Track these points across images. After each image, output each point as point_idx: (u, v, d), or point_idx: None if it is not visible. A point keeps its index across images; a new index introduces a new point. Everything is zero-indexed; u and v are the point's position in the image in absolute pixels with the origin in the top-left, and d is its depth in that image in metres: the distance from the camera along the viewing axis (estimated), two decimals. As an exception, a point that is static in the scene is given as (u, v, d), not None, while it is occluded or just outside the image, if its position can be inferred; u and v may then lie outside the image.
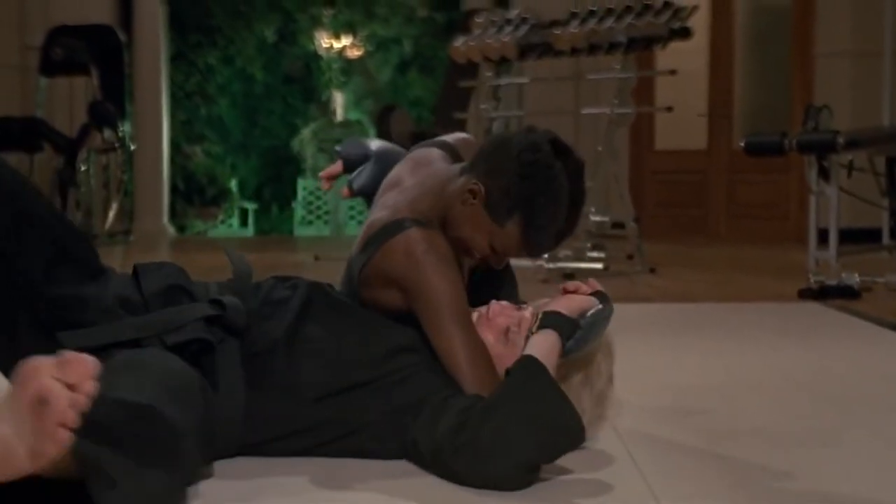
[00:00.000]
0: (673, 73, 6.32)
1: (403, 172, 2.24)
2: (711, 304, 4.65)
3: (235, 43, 13.67)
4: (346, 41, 13.94)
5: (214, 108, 13.76)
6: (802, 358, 3.24)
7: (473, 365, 1.95)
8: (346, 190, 2.46)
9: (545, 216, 2.03)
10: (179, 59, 12.85)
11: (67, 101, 8.90)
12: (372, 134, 11.29)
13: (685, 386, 2.74)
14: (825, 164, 4.87)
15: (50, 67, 8.71)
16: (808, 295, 4.76)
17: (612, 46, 5.96)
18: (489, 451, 1.71)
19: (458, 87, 7.23)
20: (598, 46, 6.00)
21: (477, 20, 6.71)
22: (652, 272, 5.97)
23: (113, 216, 8.83)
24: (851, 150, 4.94)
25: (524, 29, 6.28)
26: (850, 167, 5.19)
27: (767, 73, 9.21)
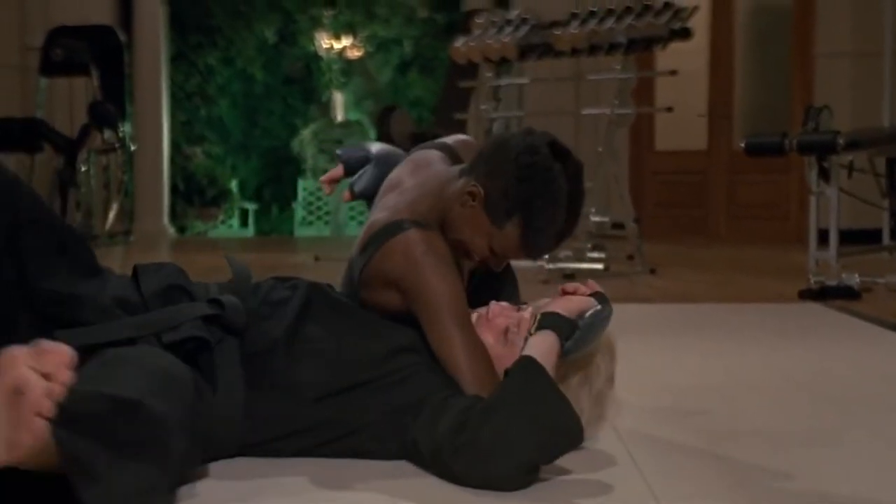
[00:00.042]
0: (673, 73, 6.32)
1: (403, 174, 2.24)
2: (712, 304, 4.65)
3: (236, 43, 13.67)
4: (346, 42, 13.94)
5: (215, 108, 13.76)
6: (803, 358, 3.24)
7: (473, 365, 1.95)
8: (346, 194, 2.46)
9: (544, 218, 2.03)
10: (180, 59, 12.85)
11: (68, 101, 8.90)
12: (372, 134, 11.30)
13: (685, 386, 2.74)
14: (825, 164, 4.87)
15: (50, 68, 8.71)
16: (808, 295, 4.76)
17: (612, 47, 5.96)
18: (489, 451, 1.71)
19: (458, 87, 7.23)
20: (598, 47, 6.00)
21: (477, 21, 6.71)
22: (652, 273, 5.97)
23: (113, 217, 8.83)
24: (852, 150, 4.94)
25: (524, 29, 6.28)
26: (850, 168, 5.19)
27: (767, 73, 9.21)
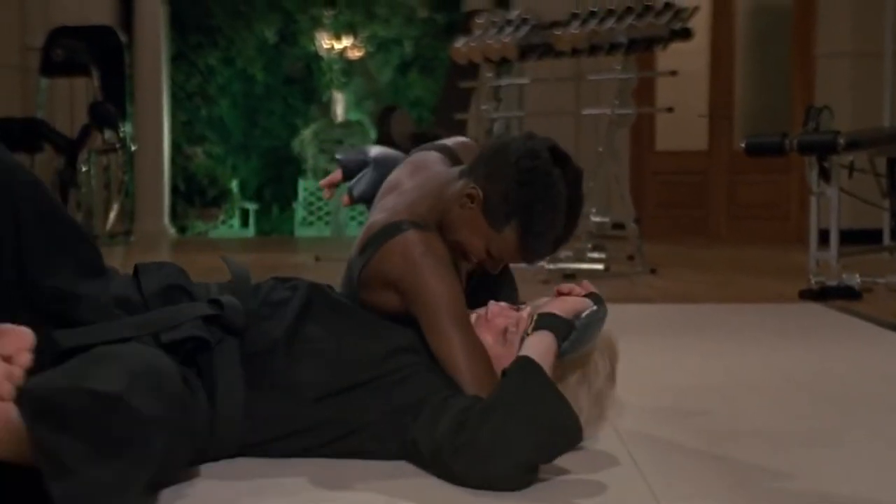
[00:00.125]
0: (674, 73, 6.32)
1: (402, 176, 2.24)
2: (712, 304, 4.65)
3: (236, 44, 13.67)
4: (346, 42, 13.94)
5: (215, 108, 13.76)
6: (803, 359, 3.24)
7: (472, 366, 1.95)
8: (345, 198, 2.46)
9: (543, 223, 2.03)
10: (180, 59, 12.85)
11: (68, 101, 8.91)
12: (372, 134, 11.30)
13: (686, 386, 2.73)
14: (826, 164, 4.87)
15: (50, 68, 8.73)
16: (808, 296, 4.76)
17: (612, 47, 5.97)
18: (488, 451, 1.71)
19: (458, 87, 7.24)
20: (598, 47, 6.00)
21: (478, 21, 6.71)
22: (652, 273, 5.97)
23: (114, 217, 8.84)
24: (852, 150, 4.94)
25: (525, 30, 6.28)
26: (850, 168, 5.19)
27: (768, 73, 9.21)
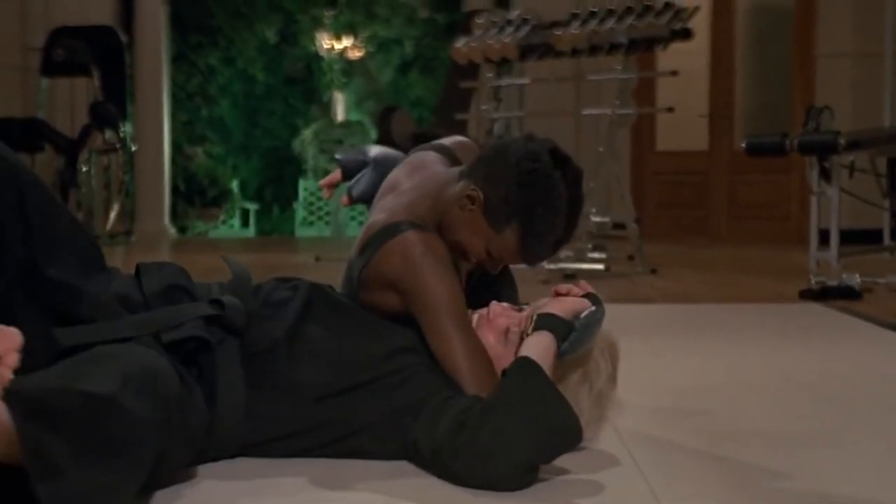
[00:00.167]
0: (674, 73, 6.32)
1: (401, 176, 2.24)
2: (712, 304, 4.65)
3: (236, 44, 13.67)
4: (347, 42, 13.94)
5: (215, 108, 13.76)
6: (803, 359, 3.24)
7: (472, 366, 1.95)
8: (345, 198, 2.46)
9: (543, 225, 2.03)
10: (180, 59, 12.85)
11: (68, 101, 8.91)
12: (373, 135, 11.30)
13: (686, 387, 2.73)
14: (826, 164, 4.87)
15: (51, 68, 8.73)
16: (809, 296, 4.76)
17: (613, 47, 5.97)
18: (488, 451, 1.71)
19: (459, 87, 7.24)
20: (599, 47, 6.00)
21: (478, 21, 6.71)
22: (653, 273, 5.97)
23: (114, 217, 8.84)
24: (852, 150, 4.94)
25: (525, 30, 6.28)
26: (851, 168, 5.19)
27: (768, 73, 9.21)
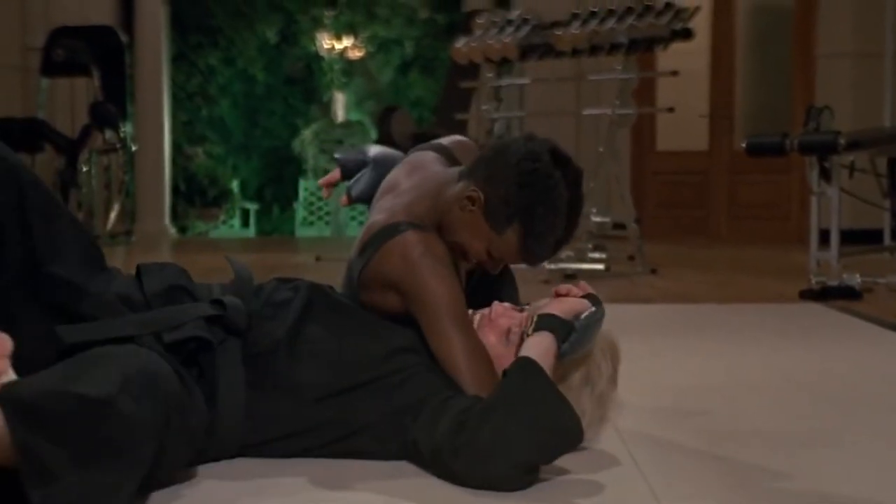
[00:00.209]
0: (674, 73, 6.32)
1: (400, 176, 2.24)
2: (712, 304, 4.65)
3: (237, 44, 13.67)
4: (347, 42, 13.94)
5: (216, 108, 13.76)
6: (803, 359, 3.24)
7: (472, 366, 1.95)
8: (344, 198, 2.46)
9: (544, 225, 2.03)
10: (180, 59, 12.85)
11: (69, 101, 8.91)
12: (373, 135, 11.30)
13: (686, 387, 2.73)
14: (826, 164, 4.87)
15: (51, 68, 8.73)
16: (809, 296, 4.76)
17: (613, 47, 5.97)
18: (488, 451, 1.71)
19: (459, 87, 7.24)
20: (599, 47, 6.00)
21: (478, 21, 6.71)
22: (653, 273, 5.97)
23: (114, 217, 8.85)
24: (853, 150, 4.94)
25: (525, 30, 6.28)
26: (851, 168, 5.19)
27: (769, 73, 9.21)
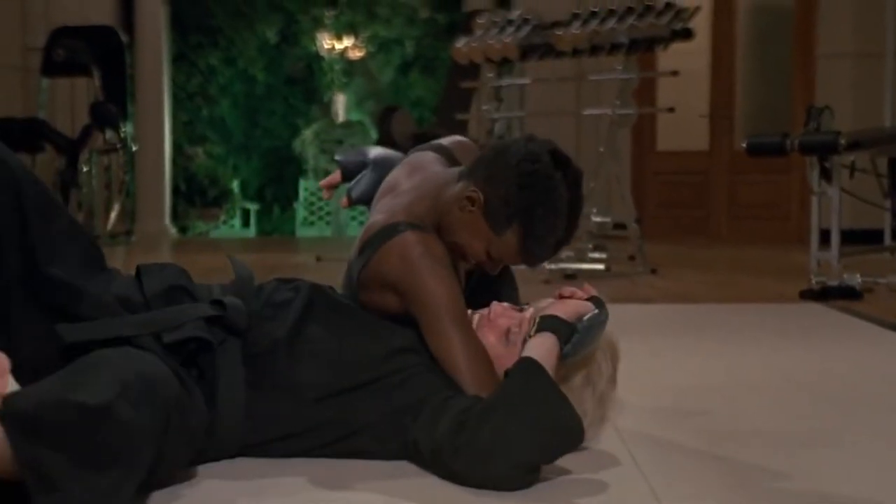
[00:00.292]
0: (675, 73, 6.32)
1: (400, 176, 2.24)
2: (713, 304, 4.65)
3: (237, 44, 13.66)
4: (347, 42, 13.93)
5: (216, 108, 13.75)
6: (804, 359, 3.24)
7: (472, 366, 1.95)
8: (345, 199, 2.46)
9: (544, 226, 2.03)
10: (181, 59, 12.84)
11: (69, 101, 8.91)
12: (373, 135, 11.30)
13: (686, 387, 2.73)
14: (827, 164, 4.87)
15: (51, 68, 8.73)
16: (809, 296, 4.76)
17: (613, 47, 5.96)
18: (489, 451, 1.71)
19: (459, 87, 7.24)
20: (599, 47, 6.00)
21: (479, 21, 6.71)
22: (653, 273, 5.97)
23: (115, 217, 8.85)
24: (853, 150, 4.94)
25: (526, 30, 6.28)
26: (851, 168, 5.19)
27: (769, 73, 9.21)
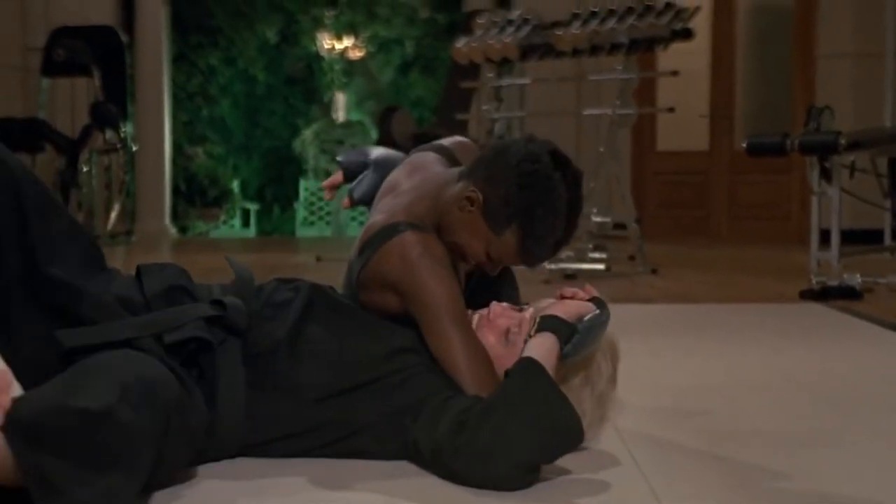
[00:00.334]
0: (675, 73, 6.32)
1: (400, 177, 2.24)
2: (713, 304, 4.65)
3: (237, 44, 13.67)
4: (347, 42, 13.94)
5: (216, 108, 13.75)
6: (804, 359, 3.24)
7: (472, 366, 1.95)
8: (346, 200, 2.46)
9: (544, 227, 2.03)
10: (181, 59, 12.85)
11: (69, 101, 8.92)
12: (373, 135, 11.30)
13: (686, 387, 2.73)
14: (827, 164, 4.87)
15: (52, 68, 8.73)
16: (809, 296, 4.76)
17: (613, 47, 5.96)
18: (489, 451, 1.71)
19: (460, 87, 7.24)
20: (599, 47, 6.00)
21: (479, 21, 6.71)
22: (653, 273, 5.97)
23: (115, 217, 8.85)
24: (853, 150, 4.94)
25: (526, 30, 6.28)
26: (851, 168, 5.19)
27: (769, 73, 9.21)
